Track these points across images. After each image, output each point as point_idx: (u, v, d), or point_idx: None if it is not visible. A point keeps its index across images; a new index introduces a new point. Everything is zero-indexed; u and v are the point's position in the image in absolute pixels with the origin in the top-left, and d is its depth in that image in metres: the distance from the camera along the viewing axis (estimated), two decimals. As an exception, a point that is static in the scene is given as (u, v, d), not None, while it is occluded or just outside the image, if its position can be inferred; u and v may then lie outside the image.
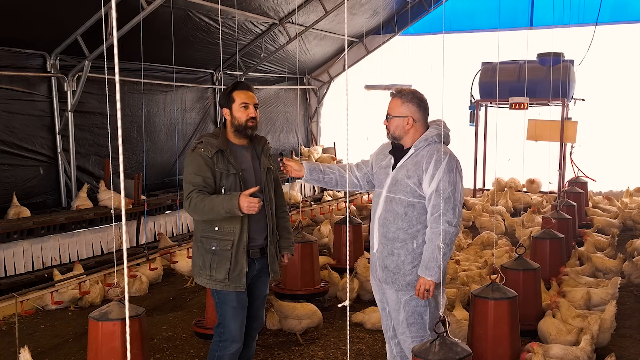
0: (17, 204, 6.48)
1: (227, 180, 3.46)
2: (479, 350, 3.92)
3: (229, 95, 3.57)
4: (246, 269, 3.50)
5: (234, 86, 3.61)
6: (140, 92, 8.15)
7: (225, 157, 3.48)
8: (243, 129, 3.56)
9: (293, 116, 12.71)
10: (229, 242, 3.45)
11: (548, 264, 5.71)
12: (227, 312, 3.54)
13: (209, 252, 3.49)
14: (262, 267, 3.67)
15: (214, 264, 3.47)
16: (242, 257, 3.48)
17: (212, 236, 3.48)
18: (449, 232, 3.20)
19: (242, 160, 3.58)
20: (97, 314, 3.39)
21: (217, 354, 3.60)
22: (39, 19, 6.38)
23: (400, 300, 3.38)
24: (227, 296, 3.52)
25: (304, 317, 4.91)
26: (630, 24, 10.77)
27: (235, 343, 3.57)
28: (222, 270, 3.46)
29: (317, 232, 7.96)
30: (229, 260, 3.46)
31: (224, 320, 3.56)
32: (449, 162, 3.24)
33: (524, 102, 9.24)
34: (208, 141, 3.49)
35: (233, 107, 3.55)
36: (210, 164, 3.43)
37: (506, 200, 9.77)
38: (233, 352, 3.58)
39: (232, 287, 3.49)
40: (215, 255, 3.47)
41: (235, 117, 3.54)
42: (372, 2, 10.76)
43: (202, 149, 3.46)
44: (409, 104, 3.34)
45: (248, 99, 3.57)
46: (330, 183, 3.59)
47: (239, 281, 3.49)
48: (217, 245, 3.46)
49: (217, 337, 3.61)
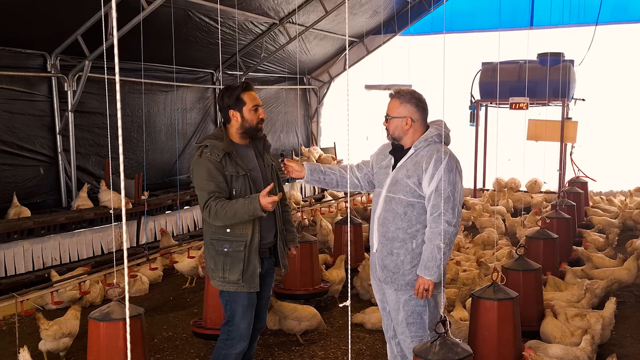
0: (17, 203, 6.48)
1: (237, 183, 3.46)
2: (479, 350, 3.91)
3: (239, 97, 3.54)
4: (259, 269, 3.52)
5: (243, 88, 3.57)
6: (140, 92, 8.15)
7: (233, 159, 3.47)
8: (254, 130, 3.58)
9: (293, 116, 12.71)
10: (241, 244, 3.46)
11: (542, 264, 5.71)
12: (237, 310, 3.54)
13: (220, 254, 3.48)
14: (269, 266, 3.70)
15: (226, 266, 3.47)
16: (254, 257, 3.50)
17: (223, 238, 3.47)
18: (449, 232, 3.21)
19: (248, 160, 3.59)
20: (98, 314, 3.39)
21: (224, 352, 3.59)
22: (39, 19, 6.38)
23: (399, 299, 3.38)
24: (239, 295, 3.52)
25: (303, 319, 4.91)
26: (631, 24, 10.76)
27: (242, 341, 3.57)
28: (235, 272, 3.46)
29: (319, 228, 7.95)
30: (242, 261, 3.46)
31: (233, 318, 3.56)
32: (449, 162, 3.24)
33: (524, 102, 9.24)
34: (214, 144, 3.46)
35: (244, 110, 3.54)
36: (220, 167, 3.42)
37: (506, 201, 9.76)
38: (239, 351, 3.59)
39: (246, 288, 3.50)
40: (228, 257, 3.47)
41: (246, 119, 3.54)
42: (372, 2, 10.76)
43: (209, 153, 3.43)
44: (408, 104, 3.35)
45: (258, 101, 3.59)
46: (330, 184, 3.60)
47: (252, 281, 3.51)
48: (229, 246, 3.46)
49: (225, 335, 3.61)
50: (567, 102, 9.74)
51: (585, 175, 10.12)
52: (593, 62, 10.43)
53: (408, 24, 12.07)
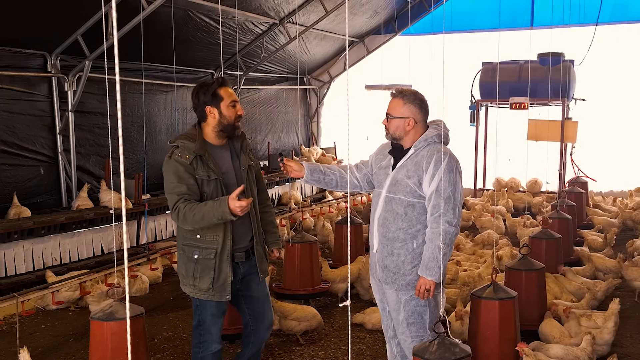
0: (17, 204, 6.48)
1: (208, 187, 3.32)
2: (479, 350, 3.92)
3: (216, 92, 3.37)
4: (231, 278, 3.39)
5: (219, 83, 3.41)
6: (140, 92, 8.15)
7: (205, 162, 3.31)
8: (231, 128, 3.42)
9: (293, 116, 12.71)
10: (211, 251, 3.33)
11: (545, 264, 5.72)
12: (206, 317, 3.47)
13: (191, 260, 3.37)
14: (249, 269, 3.56)
15: (197, 273, 3.36)
16: (226, 265, 3.36)
17: (194, 244, 3.35)
18: (449, 232, 3.20)
19: (222, 163, 3.43)
20: (100, 314, 3.39)
21: (200, 355, 3.53)
22: (39, 19, 6.38)
23: (400, 300, 3.38)
24: (208, 303, 3.43)
25: (303, 320, 4.91)
26: (631, 24, 10.76)
27: (216, 343, 3.51)
28: (205, 280, 3.34)
29: (321, 228, 7.95)
30: (212, 269, 3.34)
31: (204, 324, 3.49)
32: (449, 162, 3.23)
33: (525, 102, 9.24)
34: (185, 145, 3.31)
35: (221, 105, 3.37)
36: (190, 170, 3.27)
37: (506, 200, 9.77)
38: (215, 352, 3.53)
39: (217, 297, 3.39)
40: (198, 265, 3.35)
41: (224, 115, 3.37)
42: (372, 2, 10.76)
43: (178, 154, 3.28)
44: (411, 105, 3.33)
45: (235, 97, 3.43)
46: (330, 184, 3.57)
47: (223, 290, 3.39)
48: (199, 253, 3.34)
49: (197, 339, 3.54)
50: (567, 102, 9.74)
51: (586, 175, 10.12)
52: (593, 62, 10.44)
53: (408, 24, 12.07)
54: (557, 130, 9.69)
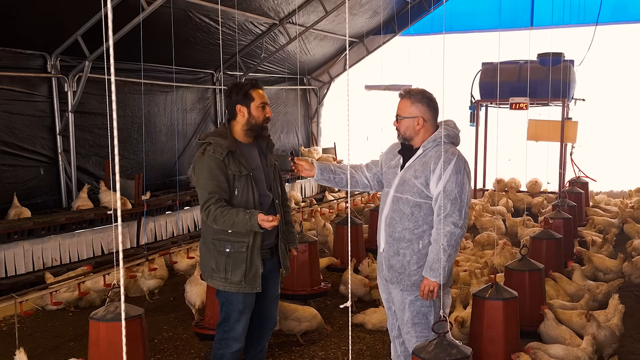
0: (17, 204, 6.48)
1: (239, 182, 3.44)
2: (482, 351, 3.91)
3: (248, 92, 3.52)
4: (261, 270, 3.50)
5: (252, 84, 3.56)
6: (140, 93, 8.14)
7: (236, 158, 3.44)
8: (259, 128, 3.56)
9: (293, 116, 12.71)
10: (244, 244, 3.44)
11: (546, 264, 5.72)
12: (232, 313, 3.53)
13: (222, 254, 3.46)
14: (272, 267, 3.68)
15: (229, 267, 3.45)
16: (257, 258, 3.48)
17: (225, 238, 3.45)
18: (455, 234, 3.19)
19: (252, 159, 3.57)
20: (98, 315, 3.39)
21: (220, 352, 3.59)
22: (39, 19, 6.38)
23: (405, 300, 3.38)
24: (235, 298, 3.50)
25: (303, 320, 4.91)
26: (631, 24, 10.77)
27: (237, 342, 3.57)
28: (238, 273, 3.44)
29: (321, 229, 7.95)
30: (244, 262, 3.44)
31: (229, 320, 3.55)
32: (457, 163, 3.22)
33: (524, 103, 9.24)
34: (217, 142, 3.43)
35: (252, 106, 3.51)
36: (222, 166, 3.39)
37: (506, 201, 9.76)
38: (235, 351, 3.58)
39: (249, 288, 3.48)
40: (230, 258, 3.45)
41: (253, 115, 3.51)
42: (372, 2, 10.76)
43: (212, 151, 3.40)
44: (419, 104, 3.33)
45: (265, 99, 3.57)
46: (340, 183, 3.57)
47: (254, 282, 3.49)
48: (231, 247, 3.44)
49: (220, 335, 3.60)
50: (567, 102, 9.74)
51: (586, 176, 10.12)
52: (593, 62, 10.43)
53: (408, 24, 12.06)
54: (557, 130, 9.69)
